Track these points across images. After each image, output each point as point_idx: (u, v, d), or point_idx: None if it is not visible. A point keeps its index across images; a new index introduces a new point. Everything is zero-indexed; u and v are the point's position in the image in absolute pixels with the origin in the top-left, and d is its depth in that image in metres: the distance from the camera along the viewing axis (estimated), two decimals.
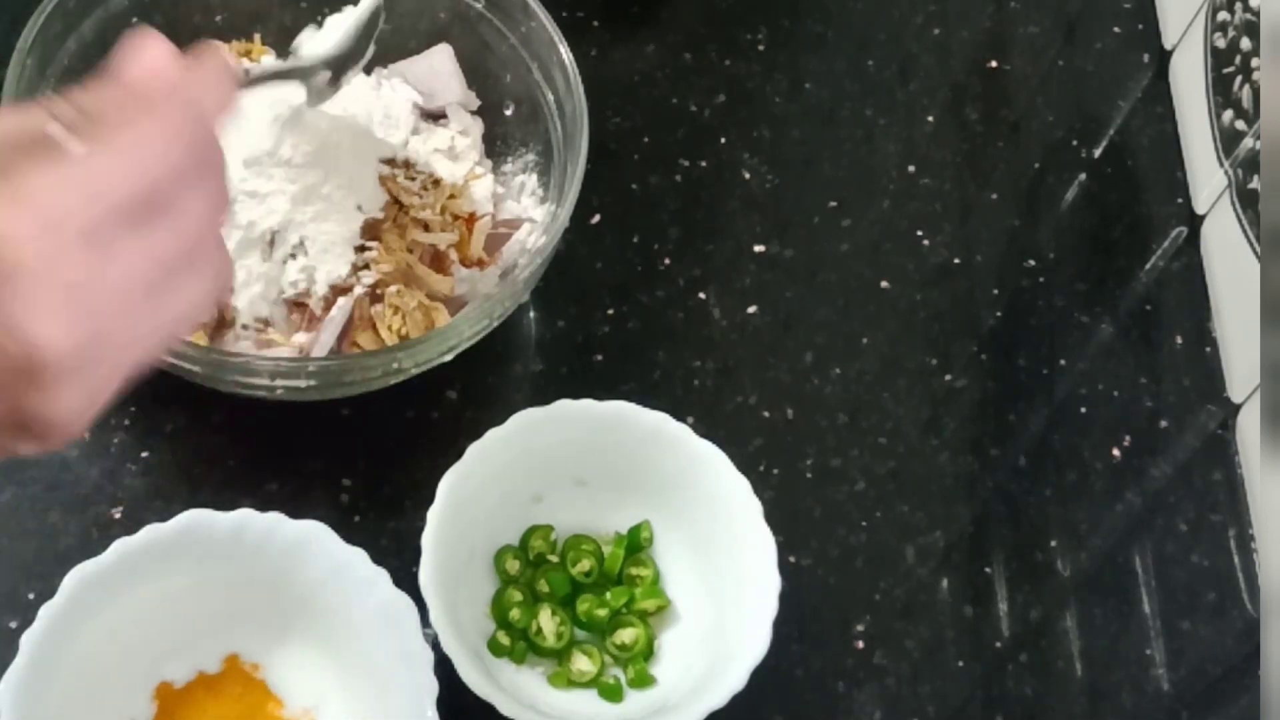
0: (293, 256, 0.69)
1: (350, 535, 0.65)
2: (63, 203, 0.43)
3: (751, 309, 0.79)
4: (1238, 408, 0.76)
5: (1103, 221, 0.83)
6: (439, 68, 0.77)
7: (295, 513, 0.64)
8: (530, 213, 0.75)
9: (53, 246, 0.43)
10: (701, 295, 0.79)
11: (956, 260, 0.82)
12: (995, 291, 0.81)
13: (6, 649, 0.61)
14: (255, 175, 0.68)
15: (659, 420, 0.68)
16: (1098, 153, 0.85)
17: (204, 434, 0.72)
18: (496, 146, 0.77)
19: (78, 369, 0.44)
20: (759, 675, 0.63)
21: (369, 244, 0.70)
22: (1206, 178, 0.81)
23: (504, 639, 0.68)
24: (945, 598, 0.72)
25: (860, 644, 0.71)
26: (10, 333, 0.42)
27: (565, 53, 0.72)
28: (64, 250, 0.43)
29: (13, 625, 0.66)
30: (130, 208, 0.45)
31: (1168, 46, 0.88)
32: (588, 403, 0.68)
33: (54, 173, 0.44)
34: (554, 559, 0.70)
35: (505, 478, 0.68)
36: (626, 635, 0.68)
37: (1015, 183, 0.85)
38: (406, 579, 0.64)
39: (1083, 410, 0.77)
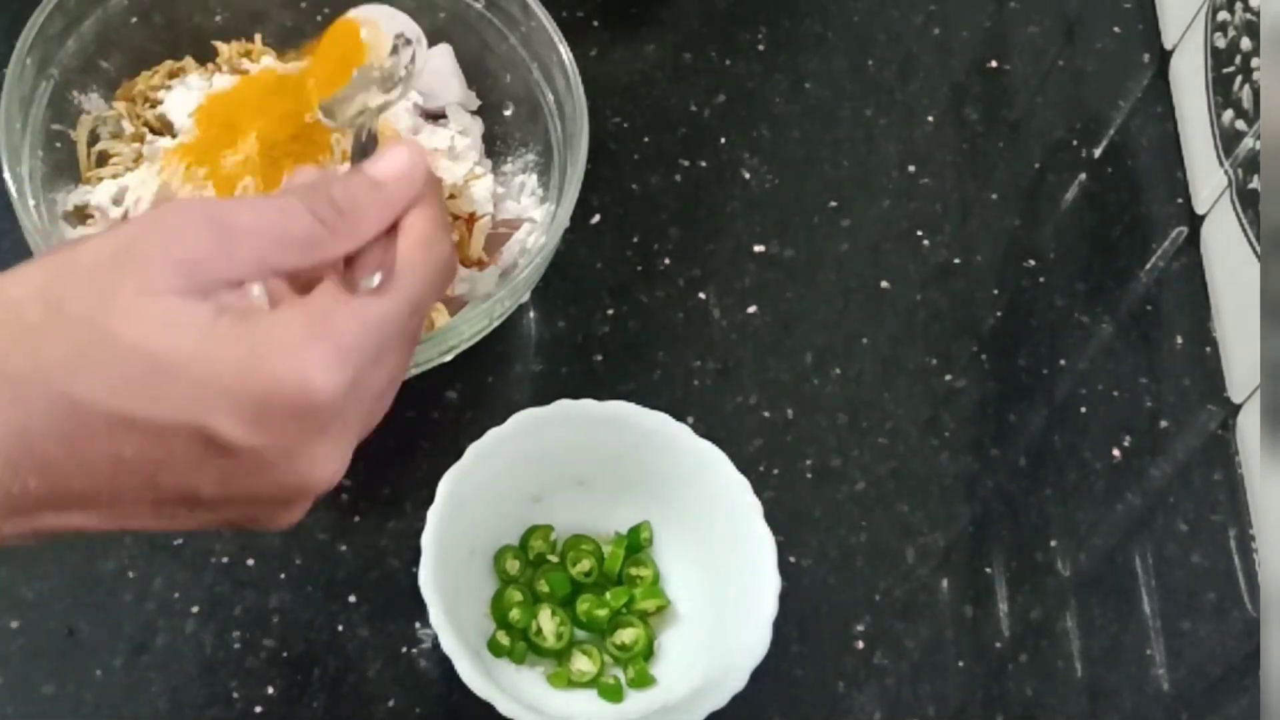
0: None
1: (350, 535, 0.65)
2: (362, 346, 0.49)
3: (751, 309, 0.79)
4: (1238, 408, 0.76)
5: (1103, 221, 0.83)
6: (439, 68, 0.77)
7: None
8: (530, 213, 0.75)
9: (354, 398, 0.49)
10: (701, 295, 0.79)
11: (956, 260, 0.81)
12: (995, 291, 0.81)
13: (6, 649, 0.62)
14: None
15: (659, 420, 0.68)
16: (1098, 153, 0.85)
17: None
18: (496, 146, 0.77)
19: (337, 475, 0.50)
20: (759, 675, 0.63)
21: None
22: (1206, 178, 0.81)
23: (504, 639, 0.68)
24: (945, 598, 0.72)
25: (860, 644, 0.71)
26: (303, 479, 0.49)
27: (565, 53, 0.72)
28: (359, 399, 0.49)
29: (13, 625, 0.66)
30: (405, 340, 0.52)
31: (1168, 46, 0.88)
32: (588, 403, 0.68)
33: (356, 318, 0.49)
34: (554, 559, 0.70)
35: (505, 478, 0.68)
36: (626, 635, 0.68)
37: (1015, 183, 0.85)
38: (406, 579, 0.64)
39: (1083, 410, 0.77)
